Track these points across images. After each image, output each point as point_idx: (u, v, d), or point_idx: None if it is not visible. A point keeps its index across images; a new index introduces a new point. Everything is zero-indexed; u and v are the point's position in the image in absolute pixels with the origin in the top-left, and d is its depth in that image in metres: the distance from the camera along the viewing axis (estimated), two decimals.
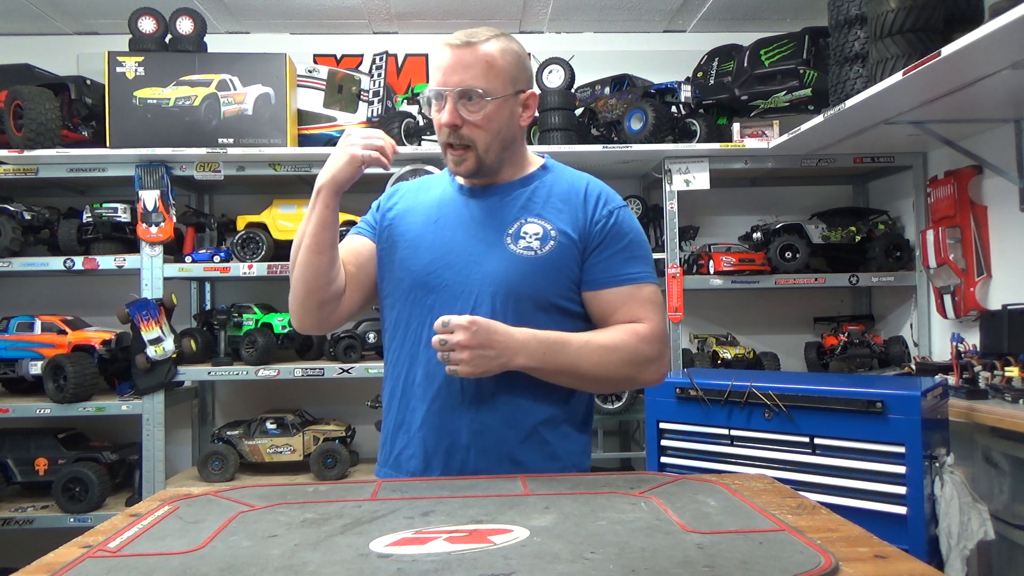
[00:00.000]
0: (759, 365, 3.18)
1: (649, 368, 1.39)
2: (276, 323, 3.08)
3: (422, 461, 1.39)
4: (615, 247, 1.41)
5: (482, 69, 1.35)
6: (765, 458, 2.14)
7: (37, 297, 3.42)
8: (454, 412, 1.37)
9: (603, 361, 1.35)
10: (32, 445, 2.96)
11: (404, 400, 1.43)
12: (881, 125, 2.61)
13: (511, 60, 1.39)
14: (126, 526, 1.03)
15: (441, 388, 1.37)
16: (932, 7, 2.22)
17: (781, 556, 0.86)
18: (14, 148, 2.87)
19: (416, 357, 1.41)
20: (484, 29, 1.39)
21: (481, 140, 1.38)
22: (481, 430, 1.37)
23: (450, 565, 0.84)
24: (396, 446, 1.43)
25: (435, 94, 1.39)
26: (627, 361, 1.37)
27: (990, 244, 2.72)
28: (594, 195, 1.44)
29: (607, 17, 3.50)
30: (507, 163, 1.45)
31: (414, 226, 1.47)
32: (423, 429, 1.39)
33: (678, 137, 3.12)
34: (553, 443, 1.40)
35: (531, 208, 1.43)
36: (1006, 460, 2.17)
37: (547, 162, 1.52)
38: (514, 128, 1.43)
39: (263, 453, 3.02)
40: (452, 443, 1.37)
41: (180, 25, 3.05)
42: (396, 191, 1.59)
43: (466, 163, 1.40)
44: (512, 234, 1.40)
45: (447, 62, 1.36)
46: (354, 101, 3.20)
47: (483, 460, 1.36)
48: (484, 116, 1.36)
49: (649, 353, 1.38)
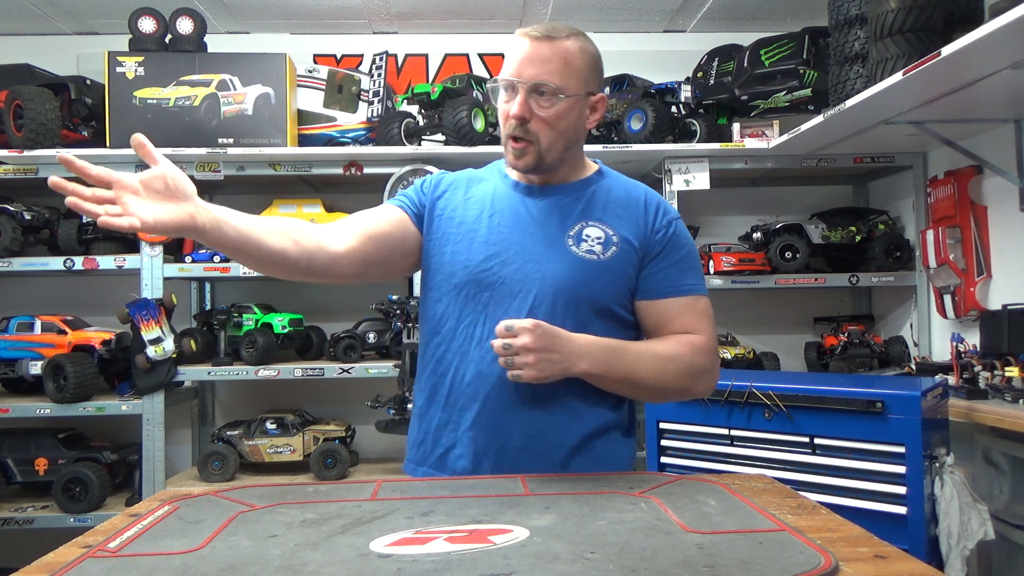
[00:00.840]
0: (759, 365, 3.18)
1: (703, 379, 1.39)
2: (276, 323, 3.08)
3: (471, 461, 1.36)
4: (674, 257, 1.40)
5: (558, 65, 1.33)
6: (765, 458, 2.14)
7: (37, 297, 3.42)
8: (508, 413, 1.35)
9: (661, 371, 1.34)
10: (32, 445, 2.96)
11: (451, 398, 1.39)
12: (881, 125, 2.61)
13: (587, 61, 1.37)
14: (126, 526, 1.03)
15: (494, 388, 1.35)
16: (932, 7, 2.22)
17: (781, 556, 0.86)
18: (14, 148, 2.87)
19: (467, 354, 1.38)
20: (563, 25, 1.37)
21: (546, 137, 1.35)
22: (535, 433, 1.35)
23: (450, 565, 0.84)
24: (440, 445, 1.40)
25: (507, 84, 1.36)
26: (683, 372, 1.36)
27: (990, 244, 2.72)
28: (654, 204, 1.44)
29: (607, 17, 3.50)
30: (566, 163, 1.43)
31: (467, 219, 1.42)
32: (474, 429, 1.36)
33: (678, 137, 3.12)
34: (602, 449, 1.39)
35: (591, 212, 1.41)
36: (1006, 460, 2.17)
37: (602, 167, 1.51)
38: (579, 130, 1.40)
39: (263, 453, 3.02)
40: (504, 445, 1.35)
41: (180, 25, 3.05)
42: (442, 179, 1.52)
43: (527, 157, 1.37)
44: (573, 236, 1.38)
45: (524, 53, 1.34)
46: (354, 101, 3.20)
47: (535, 463, 1.34)
48: (554, 113, 1.34)
49: (704, 365, 1.37)
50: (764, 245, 3.16)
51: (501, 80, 1.37)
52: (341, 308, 3.42)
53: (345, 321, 3.25)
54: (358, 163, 3.05)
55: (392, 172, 3.03)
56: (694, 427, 2.28)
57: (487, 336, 1.35)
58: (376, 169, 3.04)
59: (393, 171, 3.03)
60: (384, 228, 1.42)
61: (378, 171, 3.04)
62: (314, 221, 3.04)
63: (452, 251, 1.41)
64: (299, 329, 3.18)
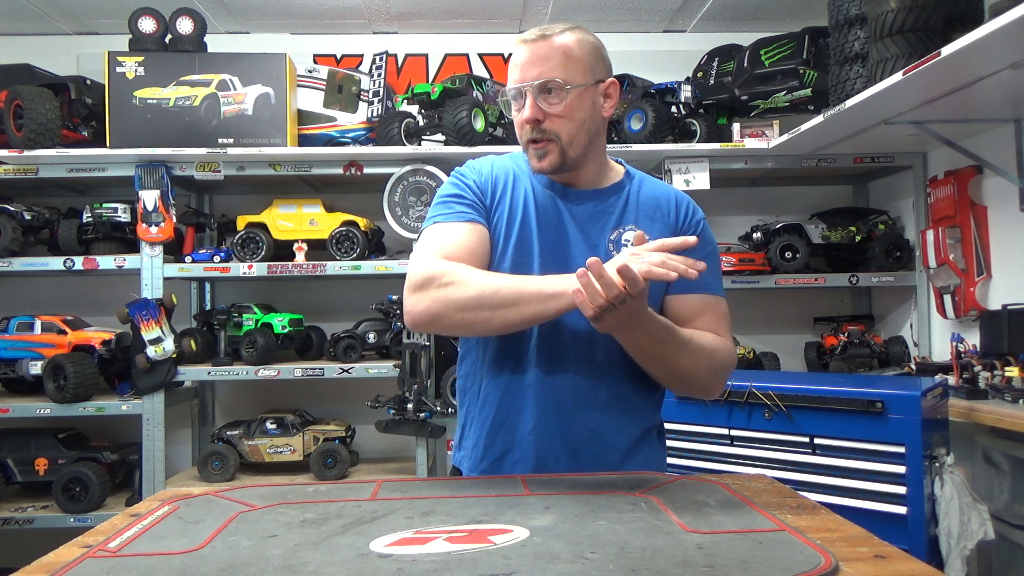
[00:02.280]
0: (759, 365, 3.18)
1: (722, 381, 1.39)
2: (276, 323, 3.08)
3: (533, 467, 1.36)
4: (700, 254, 1.36)
5: (560, 60, 1.32)
6: (765, 458, 2.14)
7: (37, 297, 3.42)
8: (568, 417, 1.35)
9: (697, 361, 1.32)
10: (32, 445, 2.96)
11: (506, 401, 1.38)
12: (881, 125, 2.61)
13: (588, 50, 1.36)
14: (126, 526, 1.03)
15: (553, 392, 1.35)
16: (932, 7, 2.22)
17: (781, 556, 0.86)
18: (14, 148, 2.87)
19: (523, 358, 1.37)
20: (557, 24, 1.37)
21: (565, 131, 1.34)
22: (591, 437, 1.35)
23: (450, 565, 0.84)
24: (494, 449, 1.39)
25: (515, 93, 1.35)
26: (713, 368, 1.35)
27: (990, 244, 2.72)
28: (684, 203, 1.46)
29: (607, 17, 3.50)
30: (591, 160, 1.41)
31: (516, 221, 1.39)
32: (535, 434, 1.35)
33: (678, 137, 3.12)
34: (646, 452, 1.41)
35: (627, 216, 1.41)
36: (1006, 460, 2.17)
37: (628, 168, 1.50)
38: (597, 119, 1.39)
39: (263, 453, 3.02)
40: (564, 448, 1.35)
41: (180, 25, 3.05)
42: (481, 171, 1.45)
43: (550, 156, 1.35)
44: (614, 241, 1.39)
45: (524, 58, 1.34)
46: (354, 101, 3.20)
47: (592, 466, 1.35)
48: (566, 106, 1.33)
49: (728, 366, 1.38)
50: (764, 245, 3.16)
51: (508, 90, 1.36)
52: (341, 308, 3.42)
53: (345, 321, 3.25)
54: (358, 163, 3.05)
55: (392, 172, 3.03)
56: (694, 427, 2.28)
57: (551, 341, 1.35)
58: (376, 169, 3.04)
59: (393, 171, 3.03)
60: (485, 247, 1.37)
61: (378, 171, 3.04)
62: (314, 221, 3.08)
63: (511, 255, 1.37)
64: (299, 329, 3.18)
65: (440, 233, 1.36)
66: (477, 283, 1.25)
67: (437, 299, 1.26)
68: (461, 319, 1.26)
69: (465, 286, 1.25)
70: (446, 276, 1.26)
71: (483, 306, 1.24)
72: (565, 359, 1.36)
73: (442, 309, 1.26)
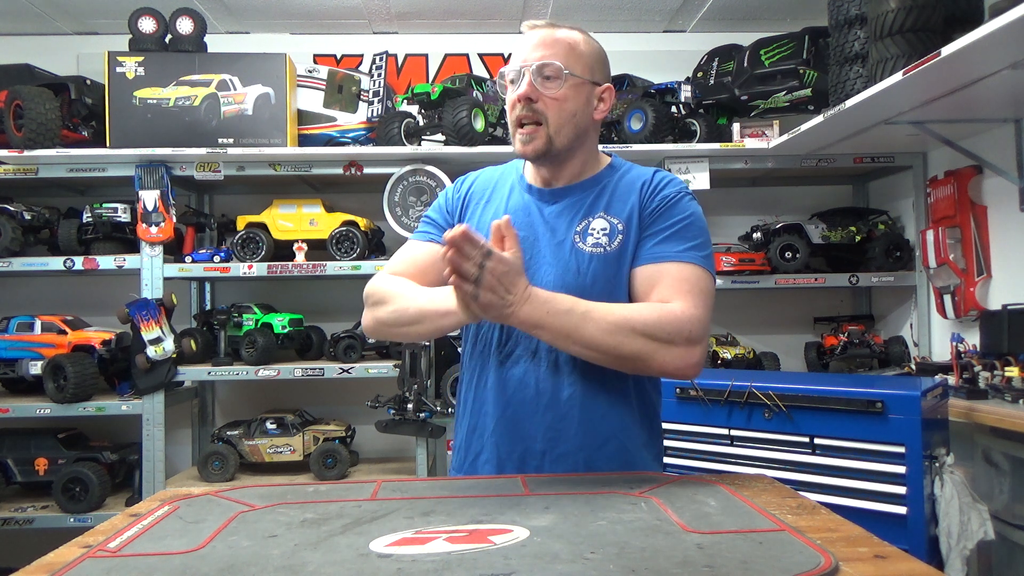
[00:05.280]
0: (759, 365, 3.18)
1: (669, 351, 1.24)
2: (276, 323, 3.08)
3: (496, 467, 1.37)
4: (661, 225, 1.36)
5: (564, 49, 1.35)
6: (765, 458, 2.14)
7: (37, 297, 3.42)
8: (528, 418, 1.35)
9: (612, 331, 1.23)
10: (32, 445, 2.96)
11: (477, 404, 1.41)
12: (881, 125, 2.61)
13: (592, 51, 1.39)
14: (126, 526, 1.03)
15: (515, 393, 1.35)
16: (932, 7, 2.22)
17: (781, 556, 0.86)
18: (14, 148, 2.87)
19: (487, 360, 1.39)
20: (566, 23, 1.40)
21: (554, 117, 1.35)
22: (556, 436, 1.35)
23: (450, 565, 0.84)
24: (471, 451, 1.41)
25: (515, 74, 1.36)
26: (642, 336, 1.23)
27: (990, 244, 2.72)
28: (653, 180, 1.42)
29: (607, 17, 3.50)
30: (577, 158, 1.42)
31: (487, 225, 1.35)
32: (496, 435, 1.37)
33: (678, 137, 3.12)
34: (631, 450, 1.38)
35: (598, 206, 1.40)
36: (1006, 460, 2.17)
37: (614, 160, 1.49)
38: (588, 117, 1.40)
39: (263, 453, 3.02)
40: (526, 449, 1.35)
41: (180, 25, 3.05)
42: (460, 191, 1.51)
43: (535, 141, 1.36)
44: (580, 231, 1.38)
45: (529, 41, 1.36)
46: (354, 101, 3.20)
47: (559, 466, 1.34)
48: (561, 93, 1.34)
49: (670, 332, 1.24)
50: (764, 245, 3.16)
51: (508, 70, 1.37)
52: (341, 308, 3.42)
53: (345, 321, 3.25)
54: (358, 163, 3.05)
55: (392, 172, 3.03)
56: (694, 427, 2.28)
57: (504, 342, 1.37)
58: (376, 169, 3.04)
59: (393, 171, 3.03)
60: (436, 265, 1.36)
61: (378, 171, 3.04)
62: (314, 221, 3.08)
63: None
64: (299, 329, 3.18)
65: (402, 251, 1.49)
66: (397, 302, 1.36)
67: (369, 316, 1.42)
68: (388, 332, 1.41)
69: (388, 305, 1.37)
70: (375, 295, 1.40)
71: (399, 323, 1.36)
72: (523, 360, 1.37)
73: (374, 325, 1.41)
